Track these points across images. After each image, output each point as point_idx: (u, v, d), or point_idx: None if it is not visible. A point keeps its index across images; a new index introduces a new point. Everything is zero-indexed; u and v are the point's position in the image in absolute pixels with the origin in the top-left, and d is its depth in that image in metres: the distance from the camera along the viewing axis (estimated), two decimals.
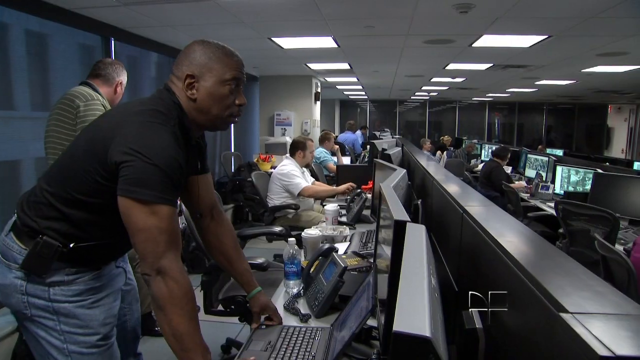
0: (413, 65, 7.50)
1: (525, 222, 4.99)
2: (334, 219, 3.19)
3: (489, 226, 1.02)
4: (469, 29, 4.63)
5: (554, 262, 0.88)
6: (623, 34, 4.75)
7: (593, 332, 0.53)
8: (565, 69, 7.40)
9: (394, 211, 1.26)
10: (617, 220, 3.42)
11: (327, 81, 9.98)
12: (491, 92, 13.08)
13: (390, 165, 2.73)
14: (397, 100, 16.92)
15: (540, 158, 6.64)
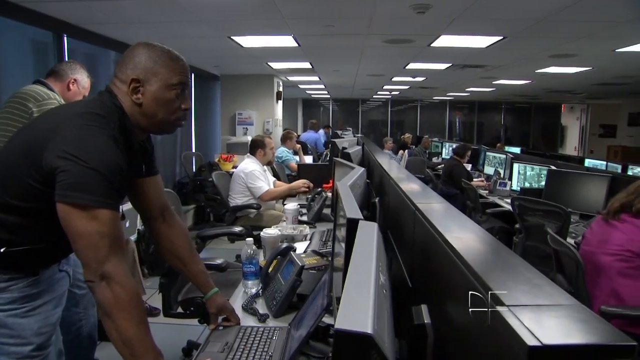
0: (374, 64, 7.56)
1: (484, 218, 5.13)
2: (294, 218, 3.20)
3: (437, 223, 1.04)
4: (427, 29, 4.70)
5: (498, 258, 0.90)
6: (572, 37, 4.93)
7: (525, 323, 0.55)
8: (520, 69, 7.62)
9: (347, 209, 1.27)
10: (568, 214, 3.54)
11: (289, 80, 9.97)
12: (451, 92, 13.35)
13: (349, 164, 2.75)
14: (360, 99, 17.05)
15: (498, 156, 6.82)
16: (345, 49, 6.01)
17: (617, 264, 2.49)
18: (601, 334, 0.55)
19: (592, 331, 0.56)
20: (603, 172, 5.94)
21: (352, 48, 5.95)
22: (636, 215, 2.54)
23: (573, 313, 0.59)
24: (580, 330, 0.56)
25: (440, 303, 0.91)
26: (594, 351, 0.51)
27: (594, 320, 0.58)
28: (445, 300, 0.90)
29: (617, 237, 2.54)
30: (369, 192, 2.52)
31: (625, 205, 2.60)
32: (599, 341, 0.53)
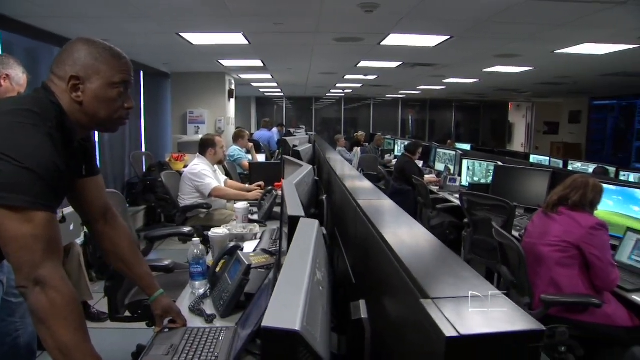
0: (325, 62, 7.59)
1: (435, 214, 5.25)
2: (244, 217, 3.17)
3: (375, 219, 1.06)
4: (376, 28, 4.76)
5: (430, 252, 0.92)
6: (514, 38, 5.12)
7: (446, 314, 0.56)
8: (468, 68, 7.84)
9: (289, 207, 1.27)
10: (513, 208, 3.67)
11: (241, 78, 9.87)
12: (403, 90, 13.57)
13: (298, 162, 2.75)
14: (313, 98, 17.08)
15: (448, 152, 6.99)
16: (296, 46, 6.01)
17: (555, 254, 2.61)
18: (515, 322, 0.57)
19: (508, 320, 0.58)
20: (545, 167, 6.18)
21: (303, 46, 5.96)
22: (572, 208, 2.68)
23: (494, 303, 0.62)
24: (497, 319, 0.58)
25: (377, 298, 0.92)
26: (507, 338, 0.54)
27: (511, 309, 0.60)
28: (381, 295, 0.92)
29: (555, 229, 2.66)
30: (317, 189, 2.53)
31: (563, 199, 2.73)
32: (511, 329, 0.55)
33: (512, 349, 0.54)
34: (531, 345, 0.53)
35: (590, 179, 2.79)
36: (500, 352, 0.54)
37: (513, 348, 0.54)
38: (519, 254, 2.62)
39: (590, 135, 14.59)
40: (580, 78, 8.94)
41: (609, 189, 3.56)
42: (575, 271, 2.58)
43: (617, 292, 2.63)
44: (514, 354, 0.54)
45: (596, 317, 2.52)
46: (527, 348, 0.53)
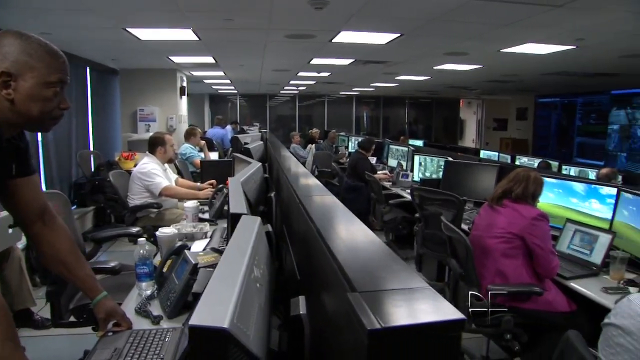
0: (278, 59, 7.56)
1: (387, 209, 5.32)
2: (194, 216, 3.13)
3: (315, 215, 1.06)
4: (326, 25, 4.77)
5: (366, 247, 0.93)
6: (462, 36, 5.25)
7: (370, 307, 0.57)
8: (419, 66, 7.98)
9: (232, 205, 1.26)
10: (462, 202, 3.77)
11: (193, 75, 9.69)
12: (357, 87, 13.68)
13: (247, 160, 2.73)
14: (268, 95, 16.98)
15: (400, 148, 7.10)
16: (248, 43, 5.96)
17: (500, 245, 2.70)
18: (437, 312, 0.59)
19: (431, 311, 0.60)
20: (493, 162, 6.37)
21: (255, 43, 5.91)
22: (515, 200, 2.78)
23: (419, 295, 0.63)
24: (420, 311, 0.60)
25: (317, 293, 0.92)
26: (428, 329, 0.55)
27: (435, 301, 0.62)
28: (320, 290, 0.92)
29: (500, 221, 2.76)
30: (267, 187, 2.52)
31: (507, 192, 2.82)
32: (433, 320, 0.57)
33: (433, 339, 0.56)
34: (452, 334, 0.55)
35: (532, 172, 2.90)
36: (422, 342, 0.56)
37: (434, 337, 0.56)
38: (466, 247, 2.69)
39: (537, 131, 15.17)
40: (526, 76, 9.27)
41: (550, 182, 3.71)
42: (519, 261, 2.68)
43: (556, 279, 2.75)
44: (435, 343, 0.56)
45: (538, 305, 2.63)
46: (448, 337, 0.55)
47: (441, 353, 0.55)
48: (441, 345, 0.55)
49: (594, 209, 3.37)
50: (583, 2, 3.71)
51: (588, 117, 12.99)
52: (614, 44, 5.40)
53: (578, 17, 4.26)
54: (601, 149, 12.32)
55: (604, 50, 5.85)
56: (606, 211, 3.26)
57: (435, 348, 0.55)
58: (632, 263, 2.76)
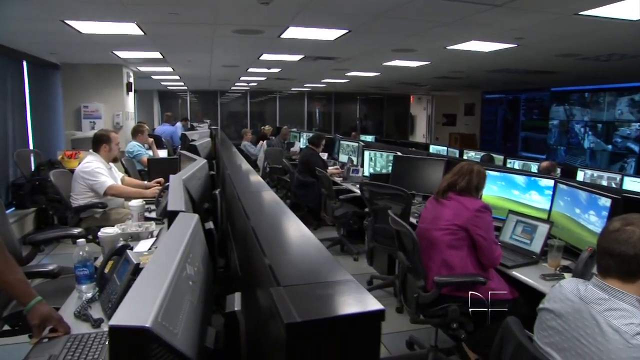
0: (227, 55, 7.46)
1: (338, 204, 5.35)
2: (139, 215, 3.05)
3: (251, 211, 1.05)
4: (274, 20, 4.74)
5: (297, 242, 0.93)
6: (409, 33, 5.34)
7: (291, 301, 0.57)
8: (368, 62, 8.06)
9: (169, 202, 1.24)
10: (410, 196, 3.83)
11: (140, 71, 9.43)
12: (308, 83, 13.70)
13: (192, 157, 2.68)
14: (218, 91, 16.75)
15: (351, 144, 7.15)
16: (195, 38, 5.84)
17: (446, 237, 2.76)
18: (358, 304, 0.59)
19: (352, 302, 0.60)
20: (441, 156, 6.52)
21: (202, 38, 5.80)
22: (460, 193, 2.85)
23: (343, 288, 0.64)
24: (342, 303, 0.60)
25: (253, 289, 0.92)
26: (348, 320, 0.56)
27: (358, 293, 0.62)
28: (255, 286, 0.91)
29: (446, 213, 2.82)
30: (212, 183, 2.49)
31: (452, 185, 2.89)
32: (353, 311, 0.57)
33: (353, 330, 0.56)
34: (371, 326, 0.55)
35: (475, 165, 2.98)
36: (342, 333, 0.56)
37: (354, 329, 0.56)
38: (412, 240, 2.74)
39: (484, 126, 15.64)
40: (472, 73, 9.54)
41: (494, 175, 3.84)
42: (464, 252, 2.75)
43: (499, 269, 2.85)
44: (355, 334, 0.56)
45: (482, 293, 2.71)
46: (367, 328, 0.55)
47: (361, 344, 0.55)
48: (361, 336, 0.56)
49: (533, 200, 3.51)
50: (521, 2, 3.86)
51: (531, 112, 13.50)
52: (551, 43, 5.63)
53: (516, 17, 4.42)
54: (543, 143, 12.85)
55: (542, 49, 6.09)
56: (544, 202, 3.40)
57: (356, 339, 0.55)
58: (567, 250, 2.89)
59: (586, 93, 11.34)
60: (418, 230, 2.97)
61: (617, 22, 4.42)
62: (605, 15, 4.18)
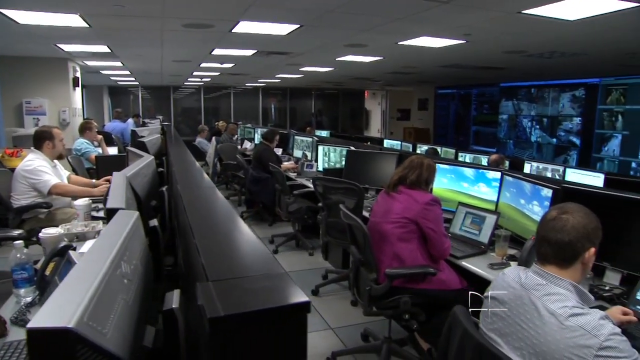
0: (178, 49, 7.30)
1: (292, 200, 5.35)
2: (86, 215, 2.94)
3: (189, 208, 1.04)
4: (224, 14, 4.67)
5: (232, 237, 0.92)
6: (360, 28, 5.37)
7: (219, 295, 0.57)
8: (321, 57, 8.07)
9: (110, 199, 1.20)
10: (362, 190, 3.87)
11: (88, 65, 9.10)
12: (262, 78, 13.59)
13: (139, 153, 2.61)
14: (171, 87, 16.38)
15: (305, 139, 7.16)
16: (143, 32, 5.68)
17: (396, 230, 2.80)
18: (284, 296, 0.59)
19: (278, 295, 0.60)
20: (394, 150, 6.60)
21: (151, 32, 5.65)
22: (410, 187, 2.89)
23: (272, 281, 0.63)
24: (268, 296, 0.60)
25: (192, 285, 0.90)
26: (273, 313, 0.55)
27: (287, 285, 0.62)
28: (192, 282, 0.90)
29: (396, 207, 2.86)
30: (160, 181, 2.43)
31: (402, 178, 2.93)
32: (278, 304, 0.57)
33: (278, 322, 0.56)
34: (297, 317, 0.55)
35: (425, 159, 3.03)
36: (267, 326, 0.56)
37: (279, 321, 0.56)
38: (363, 233, 2.77)
39: (437, 120, 15.99)
40: (424, 68, 9.71)
41: (444, 168, 3.92)
42: (414, 244, 2.80)
43: (450, 259, 2.92)
44: (280, 326, 0.56)
45: (433, 284, 2.77)
46: (292, 320, 0.55)
47: (288, 336, 0.55)
48: (287, 328, 0.56)
49: (482, 192, 3.61)
50: None
51: (482, 107, 13.89)
52: (497, 40, 5.80)
53: (464, 14, 4.52)
54: (493, 137, 13.25)
55: (489, 46, 6.27)
56: (492, 194, 3.50)
57: (282, 331, 0.55)
58: (514, 240, 3.00)
59: (533, 89, 11.76)
60: (369, 224, 3.00)
61: (557, 22, 4.60)
62: (545, 15, 4.34)
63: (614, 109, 9.63)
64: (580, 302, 1.54)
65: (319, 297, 4.32)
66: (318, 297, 4.32)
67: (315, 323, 3.81)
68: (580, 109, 10.46)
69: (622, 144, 9.50)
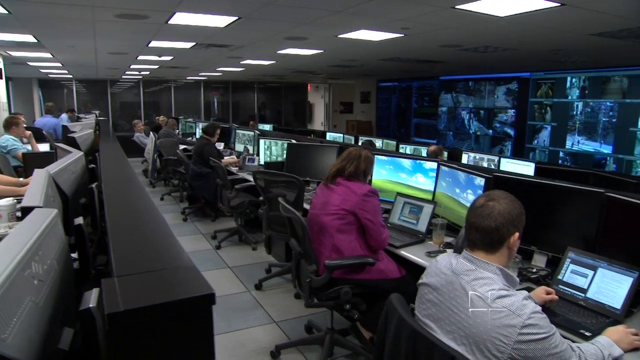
0: (112, 41, 7.01)
1: (234, 194, 5.29)
2: (10, 215, 2.78)
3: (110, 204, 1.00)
4: (159, 5, 4.53)
5: (145, 231, 0.90)
6: (300, 21, 5.36)
7: (122, 291, 0.55)
8: (262, 50, 8.00)
9: (26, 197, 1.14)
10: (302, 183, 3.88)
11: (11, 56, 8.57)
12: (203, 71, 13.31)
13: (69, 149, 2.49)
14: (108, 80, 15.76)
15: (247, 133, 7.09)
16: (73, 21, 5.40)
17: (335, 222, 2.83)
18: (189, 289, 0.59)
19: (183, 288, 0.59)
20: (334, 143, 6.66)
21: (81, 21, 5.38)
22: (348, 178, 2.92)
23: (178, 275, 0.62)
24: (172, 289, 0.59)
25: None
26: (174, 306, 0.55)
27: (193, 278, 0.61)
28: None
29: (335, 198, 2.88)
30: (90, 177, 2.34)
31: (340, 170, 2.96)
32: (182, 297, 0.57)
33: (182, 315, 0.55)
34: (201, 309, 0.55)
35: (363, 151, 3.07)
36: (170, 319, 0.55)
37: (183, 314, 0.55)
38: (302, 226, 2.78)
39: (379, 113, 16.23)
40: (365, 62, 9.82)
41: (383, 159, 4.00)
42: (353, 235, 2.83)
43: (389, 249, 2.98)
44: (184, 318, 0.55)
45: (372, 274, 2.82)
46: (197, 312, 0.55)
47: (192, 328, 0.54)
48: (191, 320, 0.55)
49: (419, 183, 3.71)
50: None
51: (422, 100, 14.22)
52: (434, 34, 5.95)
53: (401, 8, 4.60)
54: (434, 129, 13.61)
55: (426, 40, 6.42)
56: (429, 184, 3.61)
57: (186, 323, 0.55)
58: (450, 228, 3.10)
59: (470, 82, 12.16)
60: (309, 216, 3.01)
61: (488, 18, 4.76)
62: (477, 11, 4.49)
63: (543, 102, 10.12)
64: (506, 284, 1.62)
65: (262, 291, 4.31)
66: (262, 291, 4.31)
67: (258, 317, 3.80)
68: (514, 102, 10.93)
69: (552, 135, 10.02)
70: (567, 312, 1.97)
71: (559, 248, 2.42)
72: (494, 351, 1.48)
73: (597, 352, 1.65)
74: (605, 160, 9.00)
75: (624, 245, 2.27)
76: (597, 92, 9.02)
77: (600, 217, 2.39)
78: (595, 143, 9.10)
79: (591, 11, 4.42)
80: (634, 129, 8.44)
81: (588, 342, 1.75)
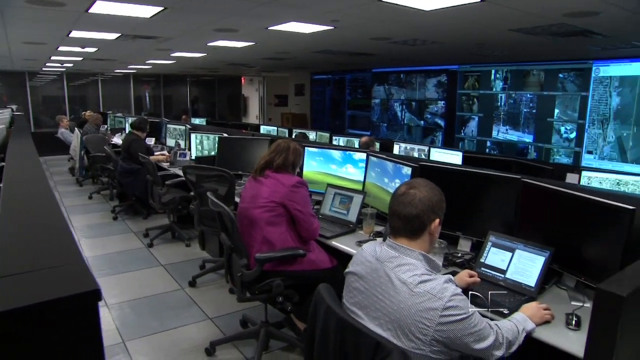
0: (26, 29, 6.54)
1: (165, 190, 5.15)
2: None
3: (7, 202, 0.95)
4: None
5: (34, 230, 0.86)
6: (228, 12, 5.25)
7: None
8: (192, 42, 7.79)
9: None
10: (233, 177, 3.84)
11: None
12: (132, 64, 12.81)
13: None
14: (27, 72, 14.82)
15: (178, 127, 6.91)
16: None
17: (265, 214, 2.81)
18: (71, 286, 0.56)
19: (65, 285, 0.57)
20: (266, 136, 6.61)
21: None
22: (277, 170, 2.92)
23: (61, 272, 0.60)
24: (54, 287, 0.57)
25: None
26: (56, 304, 0.52)
27: (79, 274, 0.59)
28: None
29: (264, 191, 2.87)
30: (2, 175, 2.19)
31: (269, 163, 2.95)
32: (62, 294, 0.54)
33: (64, 313, 0.52)
34: (86, 306, 0.52)
35: (291, 142, 3.07)
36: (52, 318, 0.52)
37: (65, 312, 0.52)
38: (230, 220, 2.74)
39: (313, 105, 16.28)
40: (298, 54, 9.80)
41: (312, 151, 4.01)
42: (283, 227, 2.83)
43: (320, 240, 3.01)
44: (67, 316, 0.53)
45: (304, 265, 2.83)
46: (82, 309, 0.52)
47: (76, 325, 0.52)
48: (75, 317, 0.52)
49: (349, 173, 3.76)
50: None
51: (356, 92, 14.39)
52: (363, 27, 6.02)
53: (329, 0, 4.61)
54: (367, 120, 13.82)
55: (356, 32, 6.48)
56: (359, 174, 3.66)
57: (69, 321, 0.52)
58: (380, 217, 3.17)
59: (402, 74, 12.43)
60: (239, 210, 2.99)
61: (414, 11, 4.87)
62: (403, 4, 4.58)
63: (470, 94, 10.53)
64: (429, 269, 1.67)
65: (196, 288, 4.24)
66: (195, 288, 4.23)
67: (192, 314, 3.73)
68: (443, 93, 11.29)
69: (479, 125, 10.45)
70: (488, 292, 2.07)
71: (482, 233, 2.54)
72: (418, 334, 1.53)
73: (513, 327, 1.75)
74: (527, 148, 9.50)
75: (538, 227, 2.41)
76: (518, 85, 9.50)
77: (518, 202, 2.52)
78: (519, 132, 9.58)
79: (509, 8, 4.63)
80: (550, 119, 8.96)
81: (506, 319, 1.85)
